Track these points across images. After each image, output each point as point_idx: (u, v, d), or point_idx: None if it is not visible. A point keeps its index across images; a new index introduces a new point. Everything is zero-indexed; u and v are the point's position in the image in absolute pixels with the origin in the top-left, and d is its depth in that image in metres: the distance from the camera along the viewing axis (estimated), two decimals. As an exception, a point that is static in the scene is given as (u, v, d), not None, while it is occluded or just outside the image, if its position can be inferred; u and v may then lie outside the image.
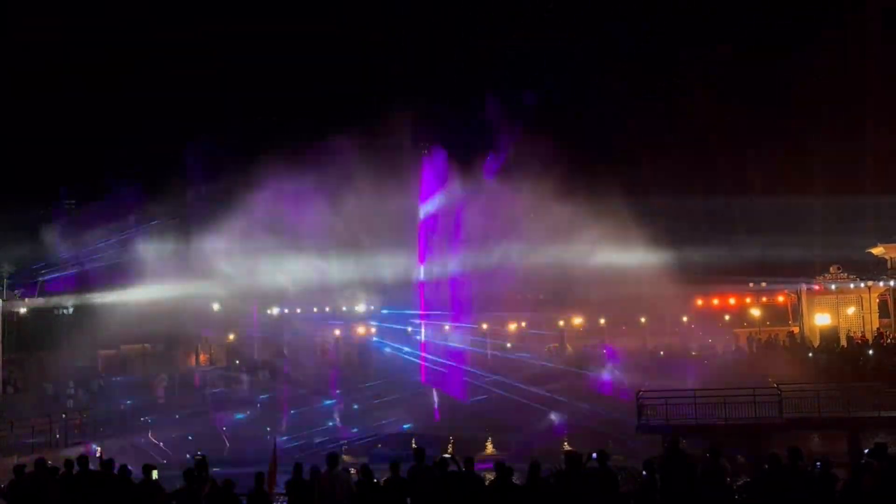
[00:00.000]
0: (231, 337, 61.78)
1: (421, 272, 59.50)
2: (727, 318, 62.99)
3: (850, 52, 62.39)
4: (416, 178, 58.76)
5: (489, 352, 60.12)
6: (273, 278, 53.91)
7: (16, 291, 49.05)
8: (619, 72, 65.21)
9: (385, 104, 58.66)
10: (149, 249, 51.75)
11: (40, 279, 51.48)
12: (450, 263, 58.47)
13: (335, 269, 54.48)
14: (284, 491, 15.21)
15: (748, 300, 60.38)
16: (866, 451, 16.08)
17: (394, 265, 55.74)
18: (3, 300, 45.22)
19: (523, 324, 66.34)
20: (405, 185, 56.33)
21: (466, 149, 57.63)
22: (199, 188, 58.04)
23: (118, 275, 51.40)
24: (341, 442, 39.00)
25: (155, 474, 15.18)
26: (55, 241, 52.59)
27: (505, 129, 56.38)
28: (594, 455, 14.31)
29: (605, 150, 62.83)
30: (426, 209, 59.24)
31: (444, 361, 54.21)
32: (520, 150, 55.62)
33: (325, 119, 64.15)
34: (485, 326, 63.54)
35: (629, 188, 56.05)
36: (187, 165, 57.10)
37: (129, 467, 15.43)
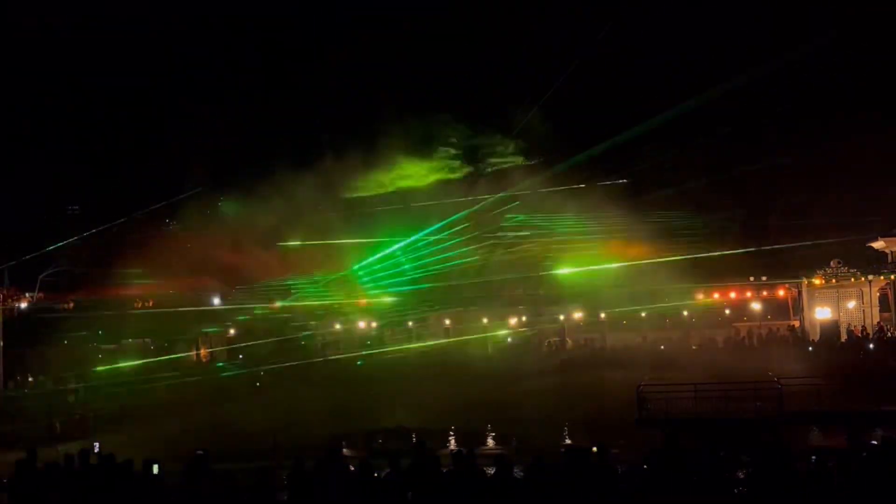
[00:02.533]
0: (231, 331, 61.75)
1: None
2: (728, 312, 62.94)
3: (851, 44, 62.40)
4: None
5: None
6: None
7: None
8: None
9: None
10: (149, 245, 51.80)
11: (41, 276, 51.64)
12: None
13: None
14: (285, 485, 15.22)
15: (749, 294, 60.35)
16: (874, 442, 16.11)
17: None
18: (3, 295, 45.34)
19: (523, 318, 66.33)
20: None
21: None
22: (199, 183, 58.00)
23: (118, 271, 51.56)
24: (341, 436, 38.96)
25: (156, 468, 15.18)
26: (55, 239, 52.74)
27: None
28: (594, 448, 14.32)
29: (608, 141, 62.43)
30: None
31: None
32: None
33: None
34: (486, 320, 63.60)
35: (631, 184, 56.14)
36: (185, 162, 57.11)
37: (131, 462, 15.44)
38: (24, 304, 50.09)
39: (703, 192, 57.36)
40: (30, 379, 44.82)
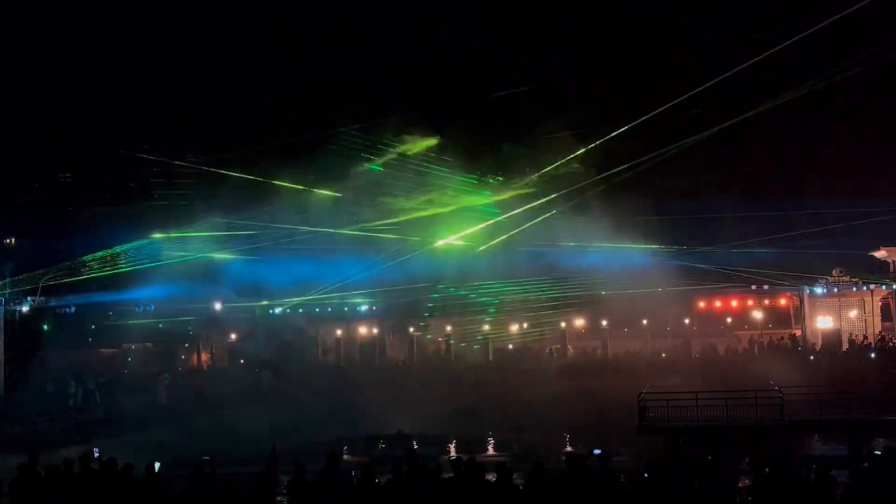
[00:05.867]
0: (233, 336, 61.72)
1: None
2: (729, 320, 62.85)
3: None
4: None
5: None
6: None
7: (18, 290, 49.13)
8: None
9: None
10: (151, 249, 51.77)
11: (42, 279, 51.56)
12: None
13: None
14: (286, 490, 15.22)
15: (750, 303, 60.31)
16: (877, 452, 16.08)
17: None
18: (5, 299, 45.36)
19: (524, 325, 66.19)
20: None
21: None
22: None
23: (120, 275, 51.56)
24: (342, 442, 38.91)
25: (157, 466, 15.17)
26: (57, 241, 52.75)
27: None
28: (595, 451, 14.32)
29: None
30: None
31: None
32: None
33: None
34: (486, 327, 63.51)
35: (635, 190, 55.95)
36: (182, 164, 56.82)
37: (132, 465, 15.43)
38: (25, 308, 50.01)
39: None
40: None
